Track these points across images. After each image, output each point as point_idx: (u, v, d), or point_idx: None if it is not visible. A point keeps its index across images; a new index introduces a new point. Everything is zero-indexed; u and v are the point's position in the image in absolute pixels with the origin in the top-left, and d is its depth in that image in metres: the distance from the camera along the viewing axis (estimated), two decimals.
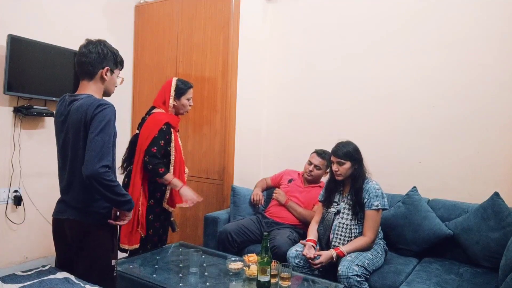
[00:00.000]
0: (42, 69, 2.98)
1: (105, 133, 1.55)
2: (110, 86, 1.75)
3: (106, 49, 1.70)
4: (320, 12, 3.33)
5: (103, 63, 1.69)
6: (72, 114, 1.62)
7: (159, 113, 2.47)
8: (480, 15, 2.66)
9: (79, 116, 1.59)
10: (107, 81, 1.72)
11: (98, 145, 1.53)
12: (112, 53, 1.72)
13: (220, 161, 3.23)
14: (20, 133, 2.98)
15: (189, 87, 2.53)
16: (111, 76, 1.73)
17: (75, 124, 1.60)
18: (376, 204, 2.30)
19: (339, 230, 2.36)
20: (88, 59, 1.67)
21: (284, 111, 3.52)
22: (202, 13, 3.32)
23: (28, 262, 3.02)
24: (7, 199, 2.94)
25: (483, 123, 2.65)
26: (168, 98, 2.47)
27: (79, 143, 1.60)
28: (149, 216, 2.43)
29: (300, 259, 2.30)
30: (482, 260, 2.32)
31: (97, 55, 1.68)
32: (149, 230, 2.44)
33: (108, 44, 1.75)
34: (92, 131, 1.55)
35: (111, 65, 1.72)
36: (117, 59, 1.75)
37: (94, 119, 1.56)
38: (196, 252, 2.18)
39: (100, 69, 1.69)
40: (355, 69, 3.14)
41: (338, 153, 2.37)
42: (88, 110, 1.57)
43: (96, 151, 1.52)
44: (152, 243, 2.48)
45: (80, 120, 1.58)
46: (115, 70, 1.75)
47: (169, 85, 2.49)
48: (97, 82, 1.70)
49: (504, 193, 2.38)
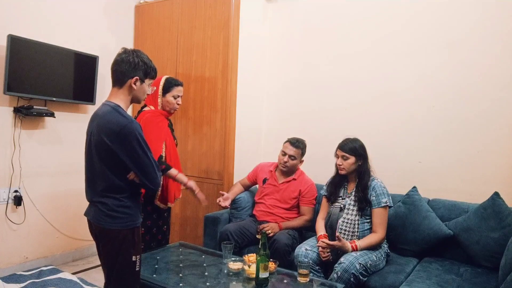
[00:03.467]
0: (42, 69, 2.98)
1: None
2: (139, 95, 1.78)
3: (138, 59, 1.72)
4: (320, 11, 3.33)
5: (133, 72, 1.71)
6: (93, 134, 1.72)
7: (146, 111, 2.47)
8: (480, 15, 2.67)
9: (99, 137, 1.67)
10: (135, 90, 1.74)
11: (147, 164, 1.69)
12: (143, 63, 1.74)
13: (220, 161, 3.23)
14: (20, 133, 2.98)
15: (175, 85, 2.49)
16: (140, 85, 1.75)
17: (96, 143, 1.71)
18: (384, 201, 2.35)
19: (344, 226, 2.38)
20: (120, 68, 1.71)
21: (284, 111, 3.52)
22: (202, 13, 3.32)
23: (28, 262, 3.02)
24: (7, 199, 2.94)
25: (483, 123, 2.66)
26: (157, 96, 2.47)
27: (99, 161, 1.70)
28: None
29: (310, 258, 2.31)
30: (482, 260, 2.33)
31: (128, 65, 1.70)
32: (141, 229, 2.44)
33: (142, 54, 1.76)
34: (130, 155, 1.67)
35: (141, 75, 1.74)
36: (148, 69, 1.76)
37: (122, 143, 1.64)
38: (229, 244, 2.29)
39: (130, 79, 1.72)
40: (355, 69, 3.14)
41: (344, 148, 2.43)
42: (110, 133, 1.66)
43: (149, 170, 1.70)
44: (145, 242, 2.47)
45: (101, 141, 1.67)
46: (145, 80, 1.77)
47: (158, 83, 2.48)
48: (125, 91, 1.73)
49: (504, 193, 2.38)
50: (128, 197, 1.71)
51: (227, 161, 3.21)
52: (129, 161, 1.64)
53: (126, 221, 1.70)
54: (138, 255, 1.75)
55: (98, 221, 1.70)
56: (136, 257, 1.73)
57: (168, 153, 2.48)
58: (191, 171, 3.36)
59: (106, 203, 1.68)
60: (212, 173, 3.27)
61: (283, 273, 2.17)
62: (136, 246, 1.73)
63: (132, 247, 1.71)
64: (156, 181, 1.73)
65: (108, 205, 1.68)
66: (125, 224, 1.69)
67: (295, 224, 2.75)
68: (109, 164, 1.67)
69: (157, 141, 2.42)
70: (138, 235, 1.75)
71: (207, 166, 3.30)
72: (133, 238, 1.71)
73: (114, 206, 1.68)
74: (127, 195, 1.71)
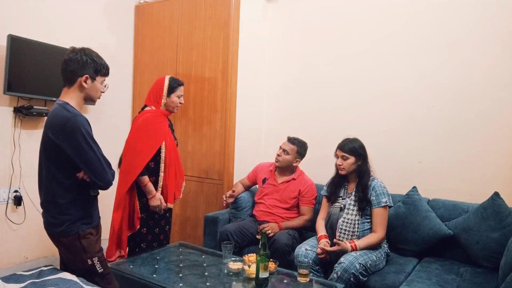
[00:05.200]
0: (42, 69, 2.98)
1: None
2: (91, 93, 1.75)
3: (86, 57, 1.70)
4: (320, 11, 3.33)
5: (82, 71, 1.69)
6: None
7: (146, 110, 2.49)
8: (480, 15, 2.67)
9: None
10: (87, 89, 1.72)
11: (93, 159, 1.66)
12: (92, 61, 1.71)
13: (220, 161, 3.23)
14: (20, 133, 2.98)
15: (179, 85, 2.53)
16: (92, 83, 1.73)
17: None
18: (384, 201, 2.35)
19: (344, 226, 2.38)
20: (69, 67, 1.69)
21: (284, 111, 3.52)
22: (202, 13, 3.32)
23: (28, 262, 3.02)
24: (7, 199, 2.94)
25: (483, 123, 2.66)
26: (161, 96, 2.48)
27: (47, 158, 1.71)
28: (142, 215, 2.45)
29: (310, 258, 2.30)
30: (482, 260, 2.33)
31: (77, 63, 1.69)
32: (142, 228, 2.47)
33: (90, 52, 1.74)
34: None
35: (91, 72, 1.72)
36: (98, 66, 1.73)
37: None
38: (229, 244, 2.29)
39: (79, 77, 1.70)
40: (355, 68, 3.14)
41: (343, 148, 2.43)
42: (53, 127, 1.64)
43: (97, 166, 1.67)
44: (147, 242, 2.49)
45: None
46: (96, 78, 1.74)
47: (162, 83, 2.49)
48: (75, 89, 1.72)
49: (504, 193, 2.38)
50: (71, 203, 1.69)
51: (227, 161, 3.21)
52: (75, 156, 1.62)
53: (68, 227, 1.68)
54: (96, 257, 1.73)
55: (46, 227, 1.75)
56: (92, 260, 1.72)
57: (168, 153, 2.48)
58: (191, 171, 3.36)
59: (49, 210, 1.71)
60: (212, 173, 3.27)
61: (283, 273, 2.18)
62: (87, 249, 1.71)
63: (83, 252, 1.71)
64: (105, 178, 1.69)
65: (50, 212, 1.71)
66: (67, 231, 1.68)
67: (295, 224, 2.75)
68: (56, 163, 1.66)
69: (154, 141, 2.43)
70: (86, 238, 1.72)
71: (207, 166, 3.30)
72: (80, 243, 1.70)
73: (55, 214, 1.69)
74: (70, 201, 1.69)
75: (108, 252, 2.41)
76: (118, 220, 2.39)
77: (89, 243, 1.72)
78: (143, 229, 2.47)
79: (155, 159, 2.44)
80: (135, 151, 2.38)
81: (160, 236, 2.54)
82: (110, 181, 1.73)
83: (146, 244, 2.49)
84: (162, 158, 2.46)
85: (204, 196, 3.28)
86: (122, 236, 2.42)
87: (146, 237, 2.50)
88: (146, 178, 2.40)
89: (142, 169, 2.37)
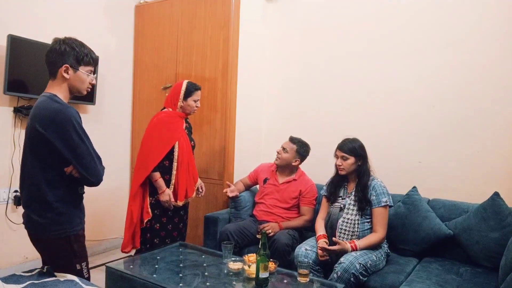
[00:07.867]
0: (42, 69, 2.93)
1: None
2: (75, 83, 1.64)
3: (65, 46, 1.60)
4: (320, 11, 3.33)
5: (62, 61, 1.60)
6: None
7: (162, 111, 2.62)
8: (480, 15, 2.66)
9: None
10: (70, 80, 1.61)
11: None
12: (72, 49, 1.60)
13: (220, 161, 3.23)
14: (20, 133, 2.97)
15: (196, 89, 2.64)
16: (74, 73, 1.62)
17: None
18: (384, 200, 2.35)
19: (344, 226, 2.38)
20: (49, 58, 1.62)
21: (284, 111, 3.52)
22: (202, 13, 3.32)
23: (28, 262, 3.02)
24: (7, 199, 2.94)
25: (483, 123, 2.66)
26: (178, 99, 2.59)
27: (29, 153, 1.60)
28: (155, 211, 2.55)
29: (310, 258, 2.30)
30: (482, 260, 2.33)
31: (56, 53, 1.60)
32: (156, 224, 2.57)
33: (72, 42, 1.63)
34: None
35: (72, 62, 1.61)
36: (80, 55, 1.62)
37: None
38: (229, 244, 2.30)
39: (59, 68, 1.60)
40: (355, 68, 3.14)
41: (343, 148, 2.44)
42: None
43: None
44: (160, 238, 2.59)
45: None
46: (79, 68, 1.63)
47: (180, 87, 2.61)
48: (59, 81, 1.62)
49: (504, 193, 2.38)
50: (61, 201, 1.58)
51: (227, 161, 3.21)
52: (65, 149, 1.52)
53: (58, 230, 1.58)
54: (84, 262, 1.66)
55: (30, 229, 1.61)
56: (81, 265, 1.64)
57: (181, 153, 2.57)
58: None
59: (35, 208, 1.56)
60: (212, 173, 3.27)
61: (283, 273, 2.17)
62: (78, 254, 1.63)
63: (73, 256, 1.62)
64: (97, 173, 1.58)
65: (37, 211, 1.56)
66: (57, 233, 1.58)
67: (295, 224, 2.75)
68: (42, 158, 1.54)
69: (168, 140, 2.53)
70: (78, 241, 1.64)
71: (207, 166, 3.30)
72: (71, 247, 1.61)
73: (43, 212, 1.56)
74: (59, 199, 1.58)
75: (125, 243, 2.54)
76: (135, 213, 2.51)
77: (80, 246, 1.65)
78: (156, 225, 2.57)
79: (169, 158, 2.55)
80: (148, 148, 2.52)
81: (173, 232, 2.64)
82: (101, 177, 1.62)
83: (159, 240, 2.59)
84: (175, 157, 2.55)
85: (204, 196, 3.27)
86: (136, 228, 2.55)
87: (159, 233, 2.59)
88: (157, 174, 2.51)
89: (155, 166, 2.49)
